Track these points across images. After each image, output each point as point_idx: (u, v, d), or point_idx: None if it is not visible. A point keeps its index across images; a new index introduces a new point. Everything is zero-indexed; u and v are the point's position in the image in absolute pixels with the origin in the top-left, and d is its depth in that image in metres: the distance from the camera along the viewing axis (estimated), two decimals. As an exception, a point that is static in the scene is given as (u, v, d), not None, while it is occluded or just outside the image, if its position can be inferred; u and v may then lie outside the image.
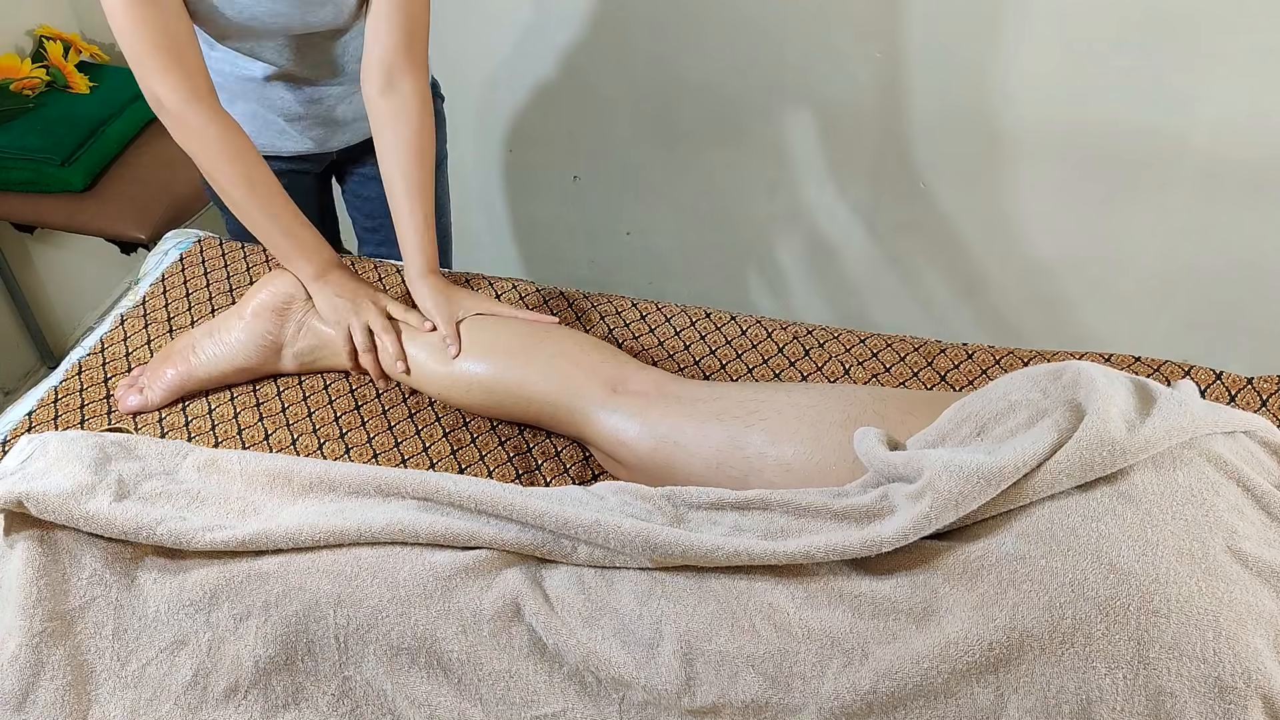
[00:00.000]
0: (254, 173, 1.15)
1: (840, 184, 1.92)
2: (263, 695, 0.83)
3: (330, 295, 1.18)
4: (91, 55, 2.06)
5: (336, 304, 1.17)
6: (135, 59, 1.08)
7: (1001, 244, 1.88)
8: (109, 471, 0.94)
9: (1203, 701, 0.70)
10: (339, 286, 1.19)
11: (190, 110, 1.10)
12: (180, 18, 1.08)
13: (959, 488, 0.79)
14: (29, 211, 1.86)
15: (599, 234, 2.22)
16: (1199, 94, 1.57)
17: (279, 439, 1.14)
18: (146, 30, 1.05)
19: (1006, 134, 1.73)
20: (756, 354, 1.26)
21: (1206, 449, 0.83)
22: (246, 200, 1.15)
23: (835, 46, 1.74)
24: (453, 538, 0.88)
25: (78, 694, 0.83)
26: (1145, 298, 1.84)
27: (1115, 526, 0.76)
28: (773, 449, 0.97)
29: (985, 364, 1.22)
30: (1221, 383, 1.15)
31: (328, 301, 1.18)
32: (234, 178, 1.14)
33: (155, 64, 1.07)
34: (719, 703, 0.78)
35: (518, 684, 0.81)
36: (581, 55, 1.92)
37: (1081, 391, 0.85)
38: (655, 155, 2.03)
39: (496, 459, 1.12)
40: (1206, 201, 1.68)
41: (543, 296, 1.35)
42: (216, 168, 1.13)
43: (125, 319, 1.32)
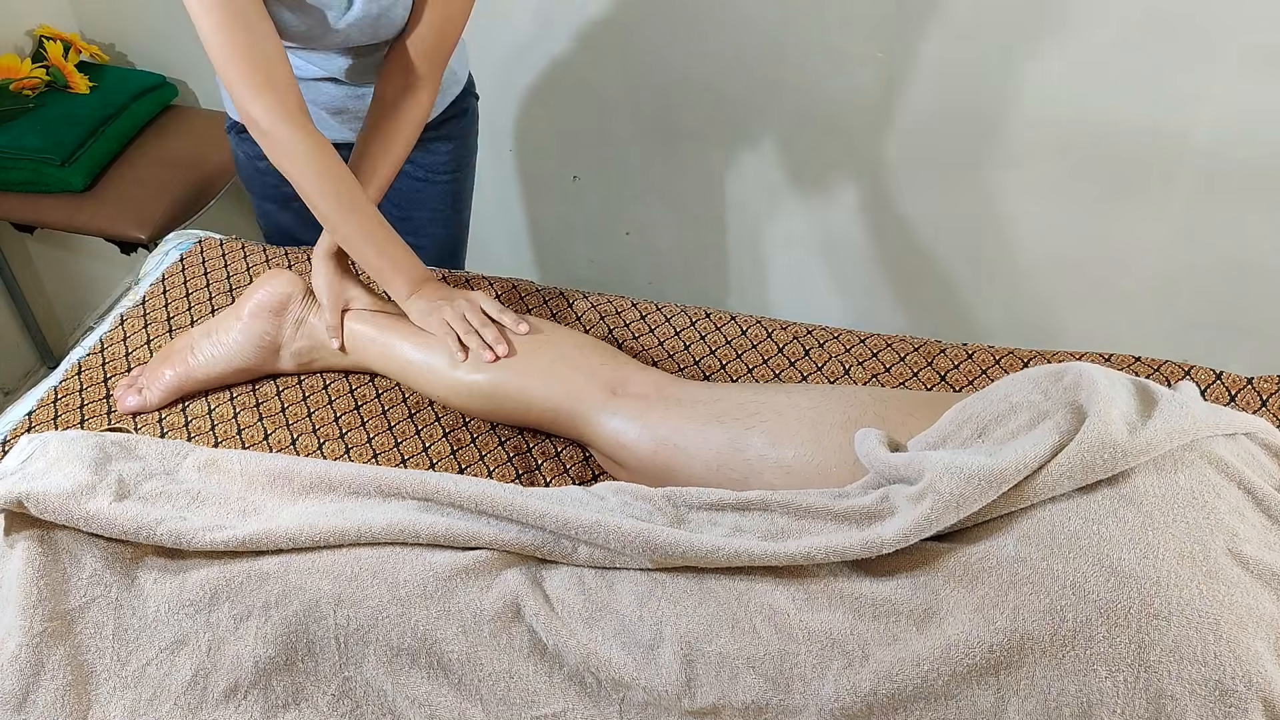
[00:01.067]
0: (346, 191, 1.14)
1: (840, 184, 1.92)
2: (263, 695, 0.83)
3: (425, 304, 1.17)
4: (91, 55, 2.05)
5: (430, 307, 1.17)
6: (229, 82, 1.08)
7: (1001, 244, 1.88)
8: (109, 471, 0.94)
9: (1203, 705, 0.70)
10: (433, 296, 1.18)
11: (285, 130, 1.10)
12: (271, 38, 1.08)
13: (960, 489, 0.79)
14: (29, 211, 1.86)
15: (599, 234, 2.22)
16: (1199, 94, 1.57)
17: (279, 439, 1.14)
18: (239, 53, 1.06)
19: (1006, 134, 1.73)
20: (756, 354, 1.25)
21: (1208, 451, 0.83)
22: (340, 218, 1.15)
23: (835, 46, 1.74)
24: (453, 538, 0.88)
25: (78, 694, 0.83)
26: (1145, 298, 1.84)
27: (1116, 529, 0.76)
28: (773, 451, 0.97)
29: (985, 364, 1.22)
30: (1221, 383, 1.15)
31: (421, 310, 1.17)
32: (327, 196, 1.13)
33: (249, 86, 1.08)
34: (719, 704, 0.78)
35: (518, 684, 0.81)
36: (581, 55, 1.92)
37: (1083, 393, 0.85)
38: (655, 155, 2.03)
39: (496, 459, 1.12)
40: (1206, 201, 1.68)
41: (543, 297, 1.35)
42: (310, 186, 1.13)
43: (125, 319, 1.32)
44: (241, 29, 1.05)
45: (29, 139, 1.79)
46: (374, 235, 1.17)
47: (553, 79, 1.97)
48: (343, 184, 1.14)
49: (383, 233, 1.17)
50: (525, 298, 1.34)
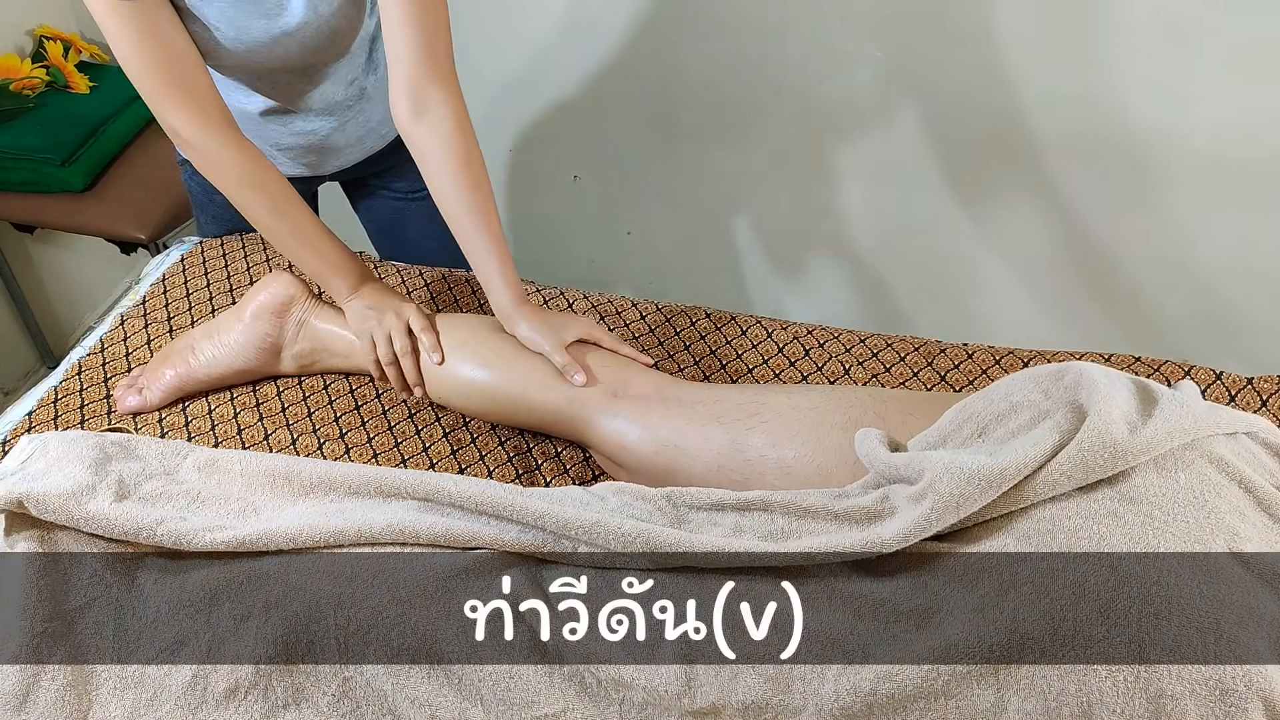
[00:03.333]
0: (277, 197, 1.14)
1: (840, 184, 1.92)
2: (263, 695, 0.83)
3: (361, 308, 1.17)
4: (91, 55, 2.05)
5: (365, 314, 1.17)
6: (147, 94, 1.08)
7: (1001, 243, 1.88)
8: (109, 472, 0.94)
9: (1203, 704, 0.70)
10: (370, 299, 1.18)
11: (207, 139, 1.09)
12: (188, 50, 1.08)
13: (960, 489, 0.79)
14: (29, 211, 1.86)
15: (599, 234, 2.22)
16: (1199, 94, 1.57)
17: (279, 439, 1.14)
18: (155, 65, 1.05)
19: (1006, 134, 1.73)
20: (756, 354, 1.25)
21: (1208, 450, 0.83)
22: (273, 224, 1.14)
23: (835, 46, 1.74)
24: (453, 538, 0.88)
25: (78, 694, 0.83)
26: (1145, 298, 1.84)
27: (1117, 528, 0.76)
28: (773, 451, 0.97)
29: (985, 364, 1.22)
30: (1221, 383, 1.15)
31: (358, 314, 1.17)
32: (258, 203, 1.13)
33: (167, 98, 1.07)
34: (719, 704, 0.78)
35: (518, 684, 0.81)
36: (582, 55, 1.92)
37: (1083, 393, 0.85)
38: (655, 155, 2.03)
39: (496, 459, 1.12)
40: (1206, 201, 1.68)
41: (543, 297, 1.35)
42: (239, 193, 1.13)
43: (125, 319, 1.32)
44: (153, 40, 1.04)
45: (29, 139, 1.79)
46: (308, 237, 1.16)
47: (553, 79, 1.98)
48: (273, 188, 1.13)
49: (317, 234, 1.17)
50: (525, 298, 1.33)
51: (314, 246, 1.17)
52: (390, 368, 1.15)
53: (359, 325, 1.17)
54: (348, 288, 1.18)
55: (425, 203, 1.45)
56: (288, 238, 1.16)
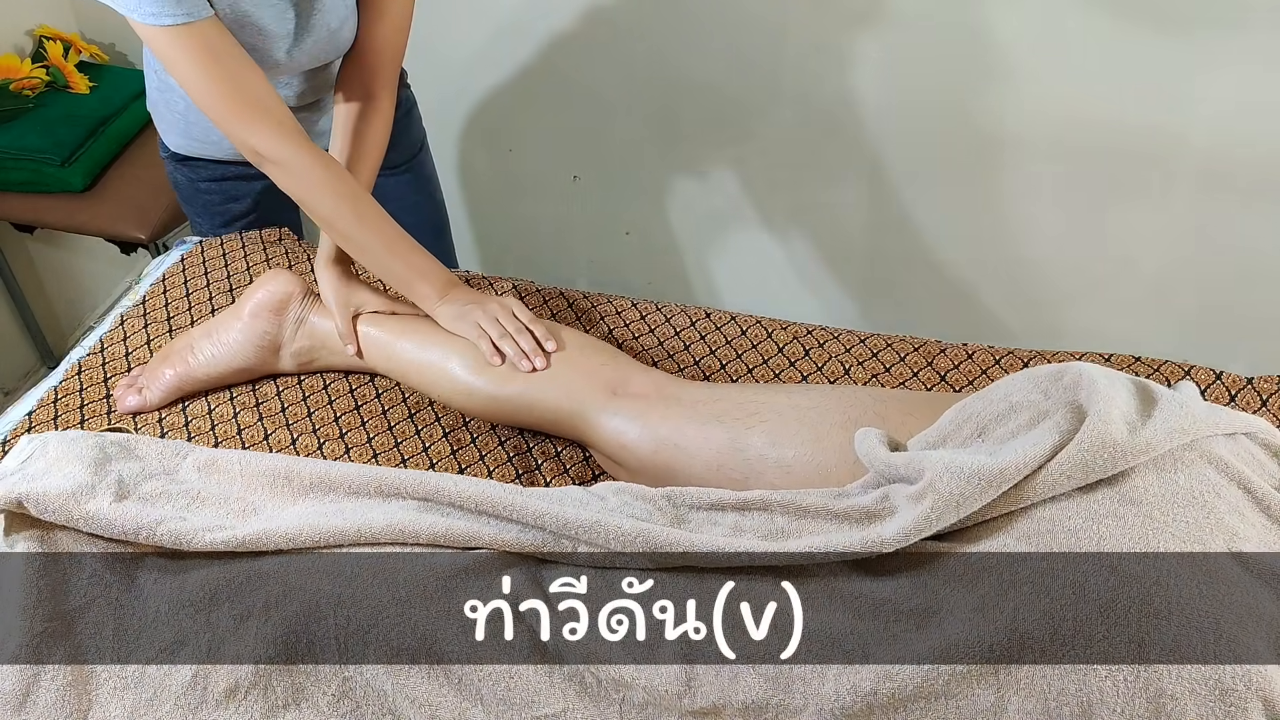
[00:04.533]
0: (361, 206, 1.13)
1: (840, 184, 1.92)
2: (263, 695, 0.83)
3: (457, 307, 1.16)
4: (91, 55, 2.05)
5: (463, 310, 1.15)
6: (221, 120, 1.07)
7: (1001, 244, 1.88)
8: (109, 472, 0.94)
9: (1203, 704, 0.70)
10: (466, 299, 1.17)
11: (290, 153, 1.08)
12: (250, 67, 1.07)
13: (960, 489, 0.79)
14: (29, 211, 1.86)
15: (599, 234, 2.22)
16: (1199, 94, 1.57)
17: (279, 439, 1.14)
18: (224, 90, 1.04)
19: (1006, 134, 1.73)
20: (756, 354, 1.25)
21: (1207, 451, 0.83)
22: (358, 233, 1.14)
23: (835, 46, 1.74)
24: (453, 538, 0.88)
25: (78, 694, 0.83)
26: (1145, 298, 1.84)
27: (1116, 528, 0.76)
28: (773, 451, 0.97)
29: (985, 364, 1.22)
30: (1221, 383, 1.15)
31: (455, 313, 1.15)
32: (345, 213, 1.12)
33: (242, 121, 1.06)
34: (719, 704, 0.78)
35: (518, 684, 0.81)
36: (582, 55, 1.92)
37: (1083, 393, 0.85)
38: (655, 155, 2.03)
39: (496, 459, 1.12)
40: (1206, 201, 1.68)
41: (543, 297, 1.35)
42: (326, 206, 1.12)
43: (125, 319, 1.32)
44: (218, 64, 1.03)
45: (29, 139, 1.79)
46: (395, 245, 1.15)
47: (553, 79, 1.97)
48: (358, 199, 1.13)
49: (404, 242, 1.16)
50: (525, 298, 1.33)
51: (400, 253, 1.15)
52: (505, 341, 1.12)
53: (456, 322, 1.15)
54: (436, 293, 1.16)
55: (400, 177, 1.46)
56: (374, 246, 1.14)
